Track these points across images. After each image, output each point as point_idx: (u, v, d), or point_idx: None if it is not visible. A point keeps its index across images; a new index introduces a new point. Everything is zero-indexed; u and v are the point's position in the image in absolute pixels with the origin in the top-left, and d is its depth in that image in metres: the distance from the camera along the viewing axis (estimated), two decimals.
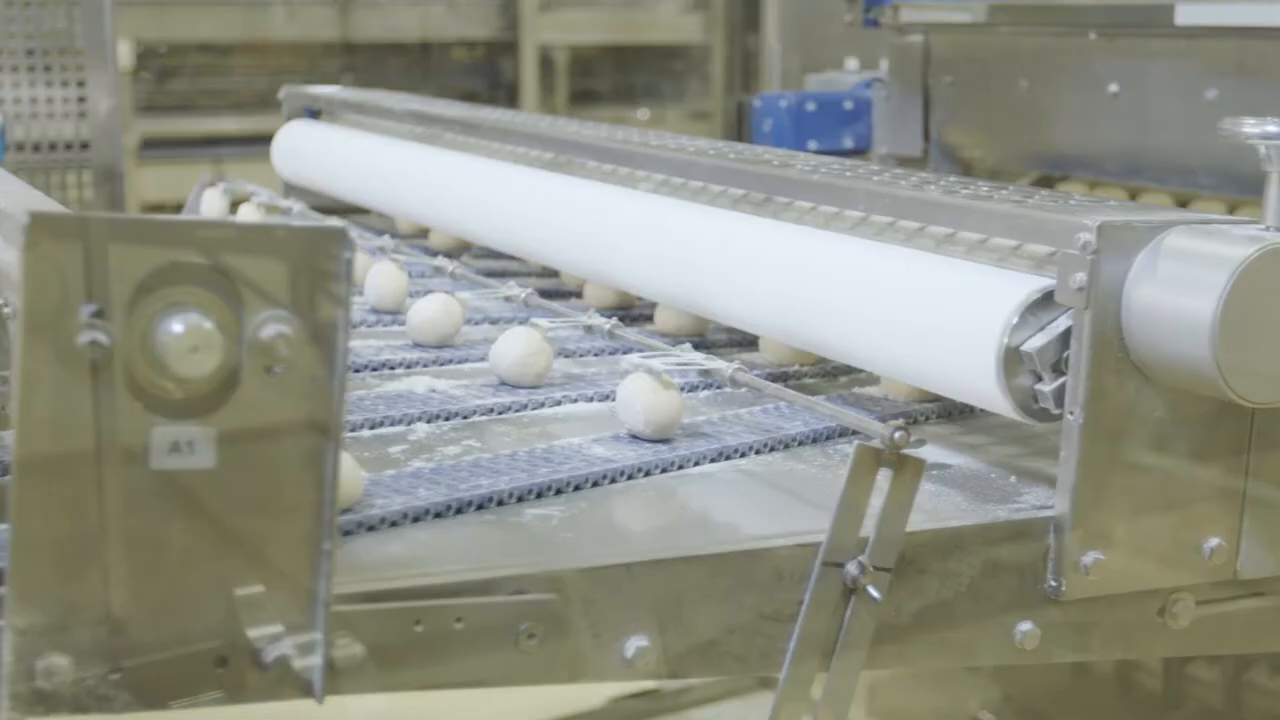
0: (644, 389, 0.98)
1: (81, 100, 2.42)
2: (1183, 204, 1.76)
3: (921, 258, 1.03)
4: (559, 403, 1.11)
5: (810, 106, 2.16)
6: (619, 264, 1.34)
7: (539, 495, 0.90)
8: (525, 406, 1.10)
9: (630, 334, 1.16)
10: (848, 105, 2.18)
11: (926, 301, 0.98)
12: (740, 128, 4.78)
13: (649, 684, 2.70)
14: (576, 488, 0.92)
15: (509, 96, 4.93)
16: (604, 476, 0.93)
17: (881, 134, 2.18)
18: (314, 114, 2.15)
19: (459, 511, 0.87)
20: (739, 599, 0.84)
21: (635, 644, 0.81)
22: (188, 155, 4.27)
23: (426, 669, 0.76)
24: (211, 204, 1.89)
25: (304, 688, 0.71)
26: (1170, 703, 1.96)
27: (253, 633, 0.70)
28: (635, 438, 1.00)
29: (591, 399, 1.12)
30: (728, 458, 1.00)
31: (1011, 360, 0.92)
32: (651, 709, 2.67)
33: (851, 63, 2.64)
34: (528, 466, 0.93)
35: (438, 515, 0.86)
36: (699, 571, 0.83)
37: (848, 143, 2.18)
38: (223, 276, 0.67)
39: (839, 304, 1.05)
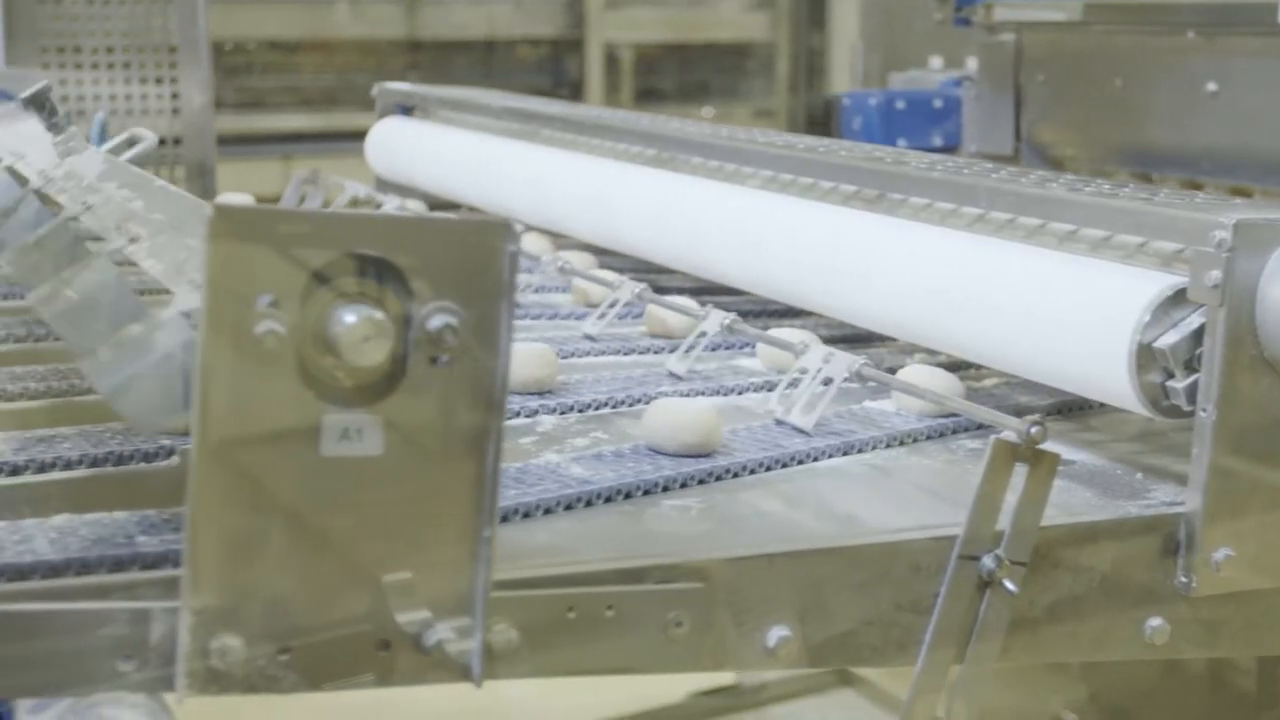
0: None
1: (175, 96, 2.45)
2: None
3: (1046, 255, 1.03)
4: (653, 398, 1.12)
5: (900, 105, 2.16)
6: (724, 258, 1.35)
7: (682, 486, 0.92)
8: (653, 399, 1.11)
9: (750, 329, 1.17)
10: (937, 103, 2.18)
11: (1054, 298, 0.99)
12: (808, 125, 4.78)
13: (727, 679, 2.71)
14: (718, 478, 0.93)
15: (573, 95, 4.95)
16: (743, 469, 0.95)
17: (971, 132, 2.18)
18: (406, 110, 2.17)
19: (608, 501, 0.88)
20: (876, 591, 0.85)
21: (777, 633, 0.82)
22: (255, 152, 4.31)
23: (578, 655, 0.77)
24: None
25: (462, 671, 0.73)
26: (1265, 703, 1.95)
27: (413, 617, 0.71)
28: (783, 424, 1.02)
29: (717, 393, 1.14)
30: (853, 452, 1.01)
31: (1144, 357, 0.92)
32: (731, 704, 2.68)
33: (935, 61, 2.64)
34: (658, 459, 0.95)
35: (587, 504, 0.88)
36: (838, 563, 0.84)
37: (936, 141, 2.18)
38: (392, 268, 0.69)
39: (962, 301, 1.06)
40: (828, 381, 1.05)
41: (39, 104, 1.30)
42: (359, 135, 4.86)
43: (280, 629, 0.70)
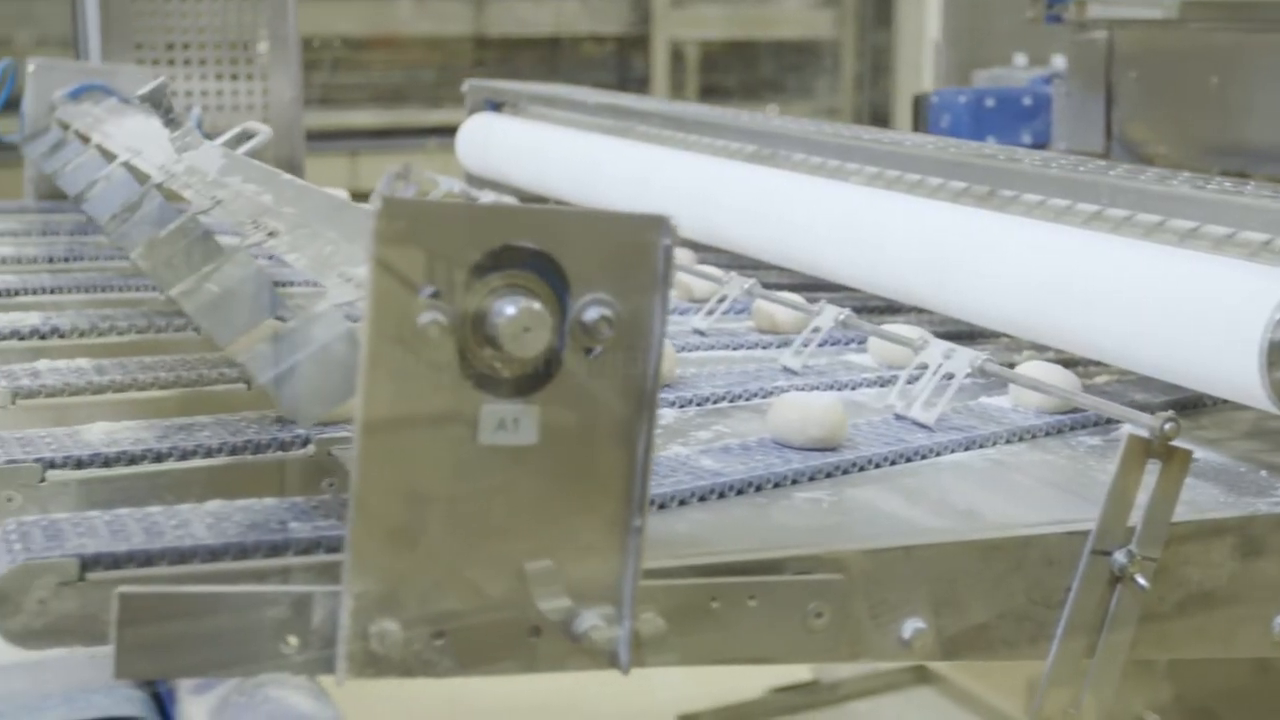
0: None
1: (265, 93, 2.48)
2: None
3: (1169, 251, 1.04)
4: (770, 394, 1.13)
5: (989, 102, 2.16)
6: (828, 254, 1.36)
7: (810, 479, 0.92)
8: (770, 394, 1.12)
9: (866, 325, 1.18)
10: (1026, 101, 2.18)
11: (1180, 295, 0.99)
12: (873, 123, 4.76)
13: (805, 675, 2.71)
14: (844, 472, 0.94)
15: (638, 92, 4.97)
16: (869, 462, 0.95)
17: (1061, 129, 2.17)
18: (495, 106, 2.19)
19: (739, 493, 0.89)
20: (1010, 584, 0.85)
21: (913, 626, 0.83)
22: (323, 148, 4.36)
23: (720, 644, 0.78)
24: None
25: (610, 659, 0.74)
26: None
27: (563, 604, 0.72)
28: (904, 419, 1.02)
29: (831, 388, 1.14)
30: (975, 448, 1.01)
31: (1274, 354, 0.92)
32: (811, 700, 2.68)
33: (1019, 58, 2.63)
34: (785, 452, 0.96)
35: (720, 496, 0.89)
36: (973, 556, 0.84)
37: (1026, 138, 2.18)
38: (549, 261, 0.70)
39: (1081, 297, 1.06)
40: (948, 377, 1.05)
41: (156, 101, 1.32)
42: (425, 131, 4.88)
43: (436, 613, 0.71)
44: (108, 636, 0.71)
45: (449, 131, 5.00)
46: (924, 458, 0.99)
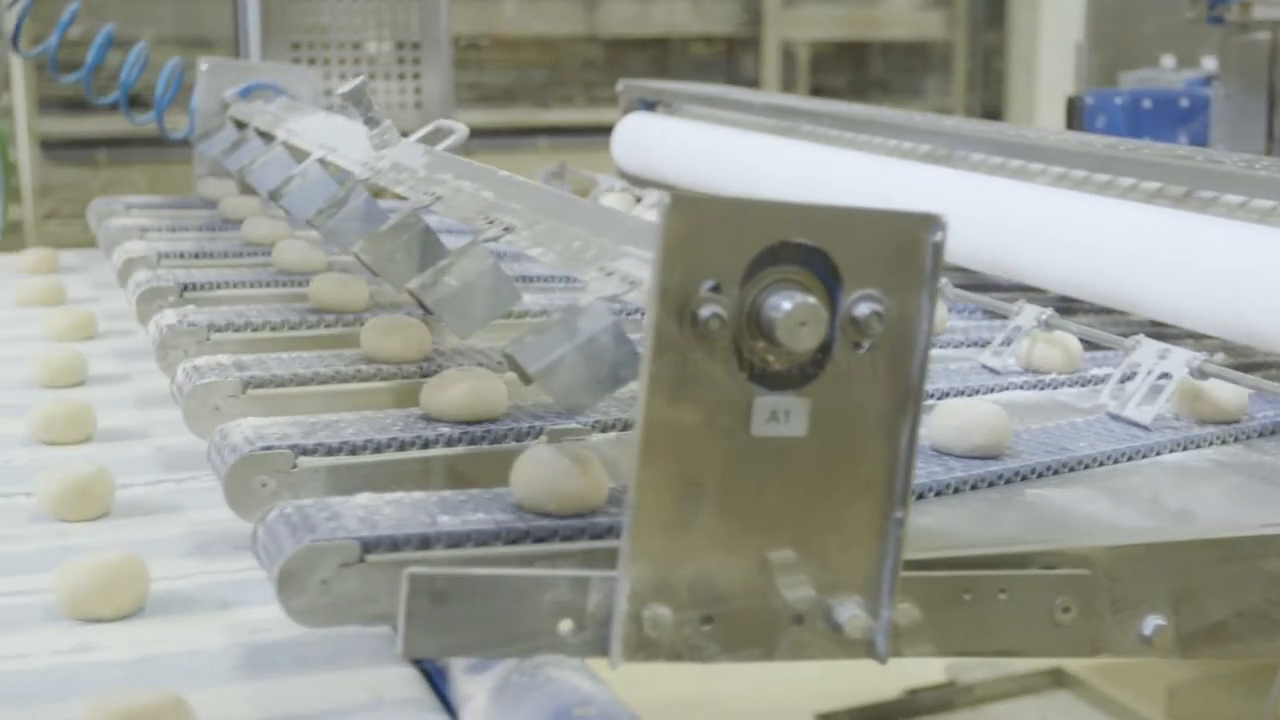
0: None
1: (418, 91, 2.52)
2: None
3: None
4: (976, 391, 1.14)
5: (1146, 104, 2.15)
6: (1015, 254, 1.36)
7: (1039, 476, 0.94)
8: (978, 392, 1.13)
9: (1071, 324, 1.18)
10: (1183, 103, 2.17)
11: None
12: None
13: (941, 677, 2.71)
14: (1072, 470, 0.95)
15: None
16: (1094, 461, 0.96)
17: (1219, 132, 2.16)
18: (649, 106, 2.21)
19: (973, 489, 0.91)
20: (1247, 583, 0.86)
21: (1153, 622, 0.83)
22: None
23: (972, 636, 0.79)
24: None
25: (868, 649, 0.75)
26: None
27: (825, 593, 0.74)
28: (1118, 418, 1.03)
29: (1035, 387, 1.15)
30: (1193, 447, 1.02)
31: None
32: (947, 702, 2.68)
33: (1168, 59, 2.61)
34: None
35: (955, 491, 0.90)
36: (1213, 554, 0.85)
37: (1183, 140, 2.17)
38: (823, 256, 0.72)
39: None
40: (1163, 376, 1.06)
41: (356, 99, 1.36)
42: (535, 131, 4.92)
43: (705, 600, 0.73)
44: (386, 616, 0.74)
45: (559, 132, 5.02)
46: (1144, 457, 0.99)
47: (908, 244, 0.72)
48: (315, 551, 0.73)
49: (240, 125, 1.90)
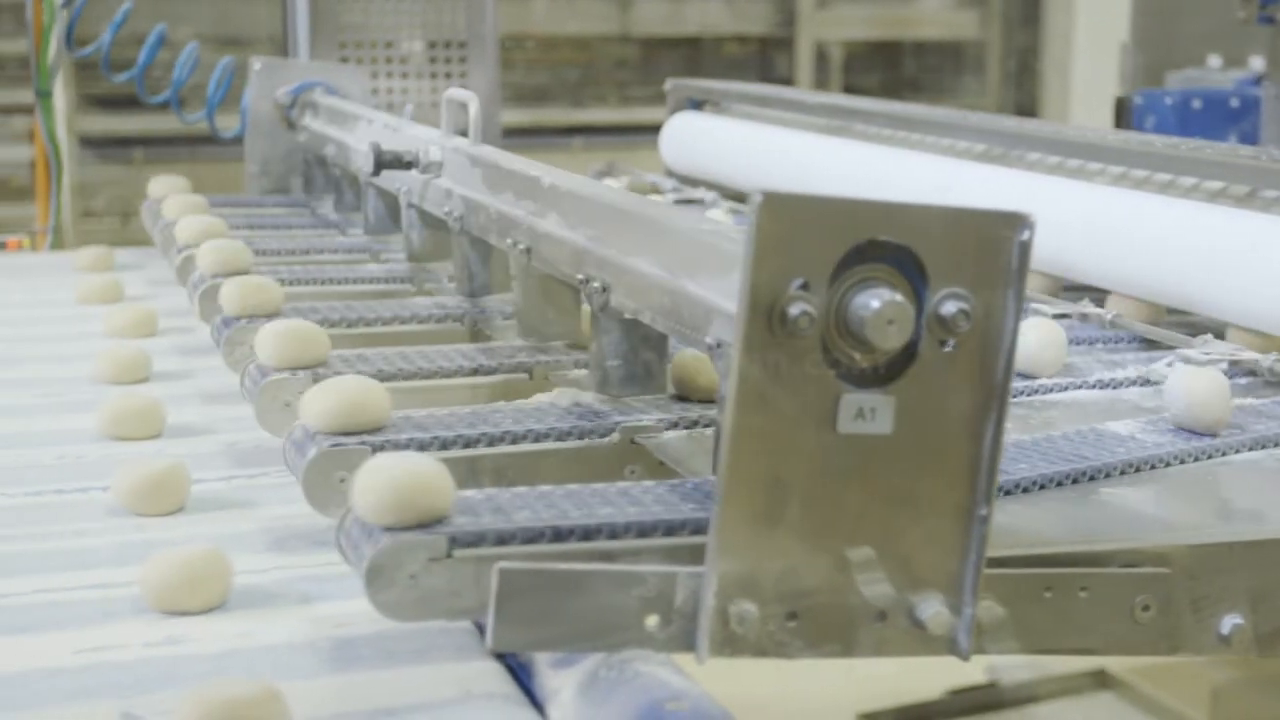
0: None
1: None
2: None
3: None
4: (1064, 389, 1.14)
5: (1196, 104, 2.14)
6: (1075, 254, 1.36)
7: (1107, 476, 0.94)
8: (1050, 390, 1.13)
9: (1137, 325, 1.18)
10: (1234, 102, 2.16)
11: None
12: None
13: (981, 678, 2.70)
14: (1153, 468, 0.95)
15: None
16: (1175, 459, 0.96)
17: (1270, 132, 2.15)
18: (696, 105, 2.21)
19: (1042, 488, 0.91)
20: None
21: (1231, 621, 0.84)
22: None
23: (1052, 634, 0.80)
24: None
25: (951, 645, 0.75)
26: None
27: (909, 590, 0.74)
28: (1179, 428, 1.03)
29: (1106, 387, 1.15)
30: (1270, 447, 1.02)
31: None
32: (990, 703, 2.68)
33: (1214, 59, 2.60)
34: (1082, 448, 0.97)
35: (1025, 490, 0.90)
36: None
37: (1233, 140, 2.16)
38: (910, 255, 0.72)
39: None
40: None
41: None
42: (569, 131, 4.93)
43: (789, 596, 0.73)
44: (471, 611, 0.75)
45: (593, 131, 5.02)
46: (1209, 458, 0.99)
47: (994, 242, 0.73)
48: (403, 546, 0.74)
49: (291, 125, 1.92)
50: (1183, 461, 0.98)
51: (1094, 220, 1.33)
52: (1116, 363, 1.22)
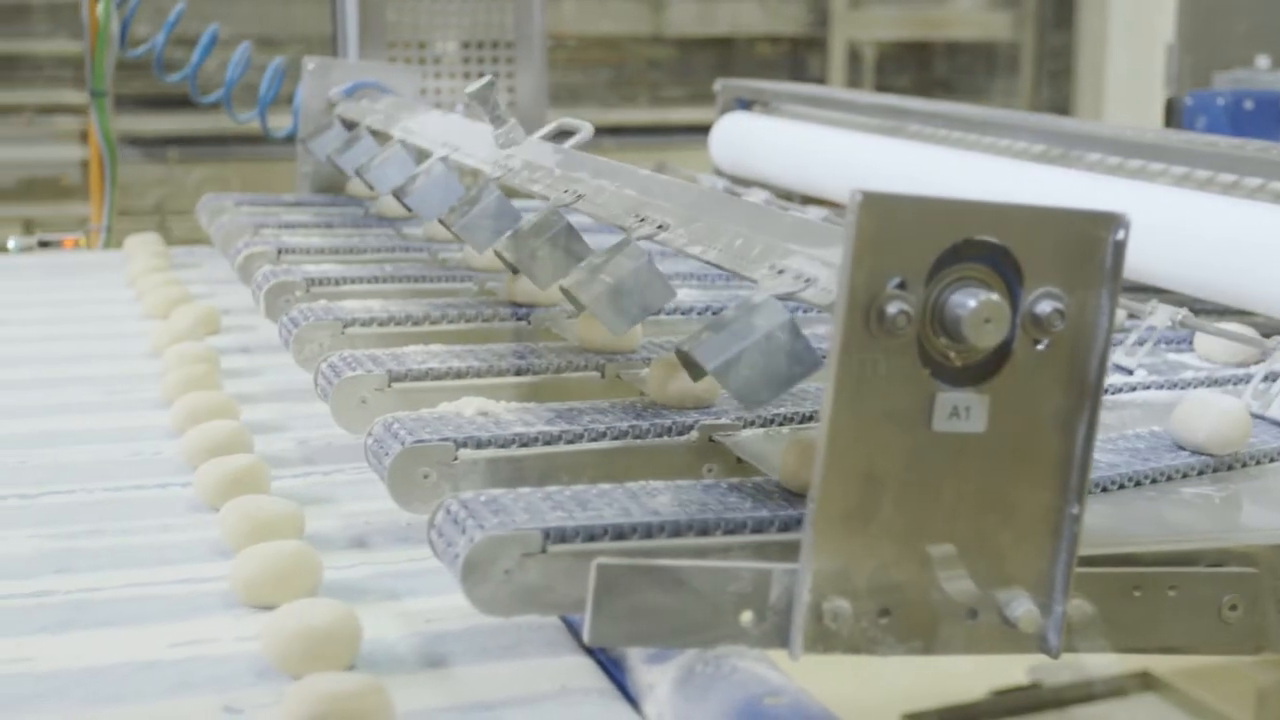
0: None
1: (510, 90, 2.54)
2: None
3: None
4: (1119, 390, 1.14)
5: (1248, 104, 2.14)
6: (1140, 255, 1.36)
7: (1199, 474, 0.94)
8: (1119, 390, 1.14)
9: (1206, 324, 1.18)
10: None
11: None
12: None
13: (1023, 679, 2.70)
14: (1230, 468, 0.95)
15: None
16: (1251, 459, 0.97)
17: None
18: (745, 105, 2.22)
19: (1120, 487, 0.91)
20: None
21: None
22: None
23: (1140, 632, 0.80)
24: None
25: (1041, 643, 0.76)
26: None
27: (999, 588, 0.75)
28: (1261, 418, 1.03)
29: (1175, 386, 1.16)
30: None
31: None
32: (1034, 704, 2.67)
33: (1262, 60, 2.60)
34: (1159, 447, 0.97)
35: (1103, 490, 0.90)
36: None
37: None
38: (1006, 254, 0.72)
39: None
40: None
41: (483, 98, 1.37)
42: (601, 131, 4.92)
43: (882, 593, 0.74)
44: (565, 606, 0.76)
45: (624, 132, 5.03)
46: None
47: (1089, 242, 0.73)
48: (499, 541, 0.74)
49: (350, 124, 1.93)
50: (1273, 460, 0.98)
51: (1158, 221, 1.33)
52: (1184, 363, 1.22)
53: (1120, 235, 0.73)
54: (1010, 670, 2.74)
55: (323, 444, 1.15)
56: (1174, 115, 2.28)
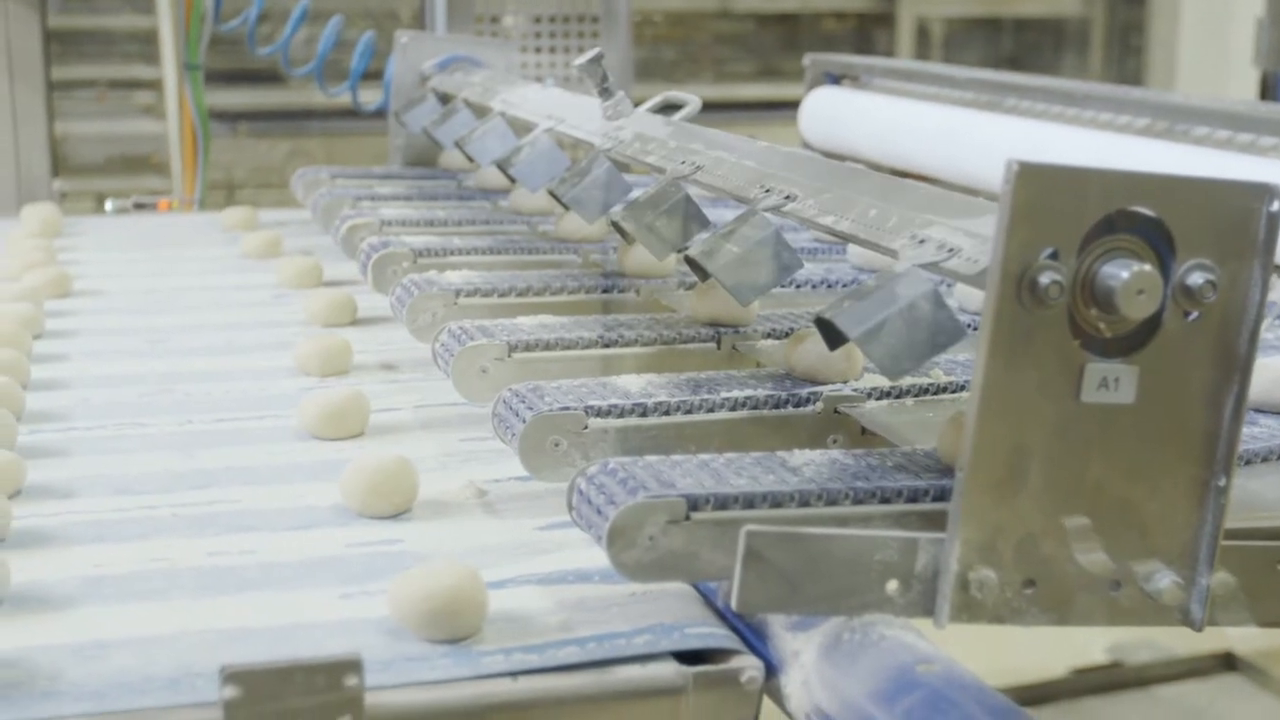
0: None
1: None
2: None
3: None
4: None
5: None
6: None
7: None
8: None
9: None
10: None
11: None
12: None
13: (1102, 658, 2.69)
14: None
15: None
16: None
17: None
18: (835, 80, 2.21)
19: (1264, 460, 0.91)
20: None
21: None
22: None
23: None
24: None
25: (1184, 616, 0.76)
26: None
27: (1143, 560, 0.75)
28: None
29: None
30: None
31: None
32: (1114, 682, 2.66)
33: None
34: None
35: (1247, 463, 0.90)
36: None
37: None
38: (1158, 225, 0.72)
39: None
40: None
41: (592, 71, 1.38)
42: (667, 109, 4.93)
43: (1028, 563, 0.74)
44: (707, 573, 0.76)
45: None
46: None
47: (1242, 214, 0.73)
48: (644, 508, 0.75)
49: (445, 98, 1.93)
50: None
51: None
52: None
53: (1275, 207, 0.72)
54: (1087, 647, 2.73)
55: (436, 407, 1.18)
56: (1269, 90, 2.26)
